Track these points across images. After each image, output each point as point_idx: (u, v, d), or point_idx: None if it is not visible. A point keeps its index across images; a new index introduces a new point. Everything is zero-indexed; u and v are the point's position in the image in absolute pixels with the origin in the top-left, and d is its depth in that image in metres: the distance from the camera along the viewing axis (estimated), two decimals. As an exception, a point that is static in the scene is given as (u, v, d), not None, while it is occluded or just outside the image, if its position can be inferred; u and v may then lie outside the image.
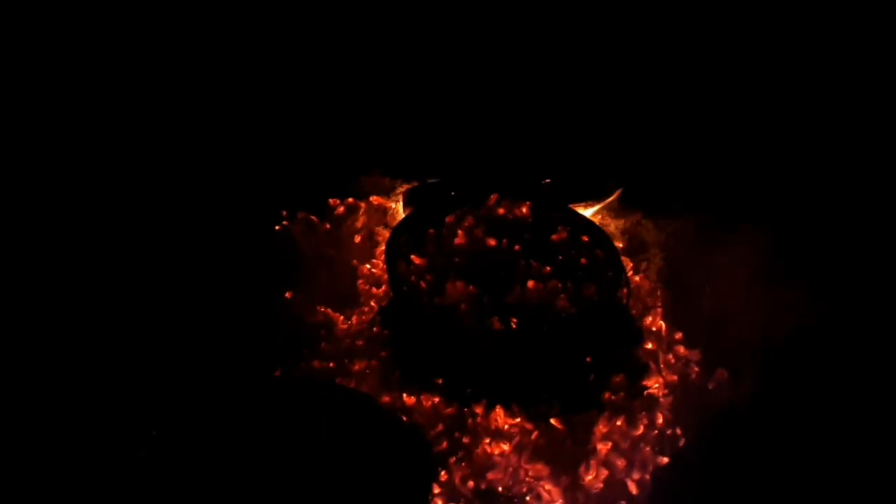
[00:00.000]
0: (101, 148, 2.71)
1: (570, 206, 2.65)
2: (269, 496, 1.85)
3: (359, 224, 2.72)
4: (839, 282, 2.54)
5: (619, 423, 2.21)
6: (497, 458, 2.13)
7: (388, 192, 2.82)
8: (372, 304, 2.49)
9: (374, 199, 2.78)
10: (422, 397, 2.22)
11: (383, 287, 2.51)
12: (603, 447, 2.16)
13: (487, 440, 2.16)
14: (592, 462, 2.14)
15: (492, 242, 2.45)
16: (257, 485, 1.86)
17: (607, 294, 2.35)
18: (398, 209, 2.77)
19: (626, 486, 2.13)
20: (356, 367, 2.31)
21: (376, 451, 1.94)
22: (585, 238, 2.50)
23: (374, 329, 2.40)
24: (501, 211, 2.55)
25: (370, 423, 1.98)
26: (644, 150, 2.93)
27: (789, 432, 2.24)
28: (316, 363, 2.32)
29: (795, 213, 2.71)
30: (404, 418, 2.14)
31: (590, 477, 2.12)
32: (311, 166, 2.84)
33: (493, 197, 2.56)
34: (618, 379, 2.30)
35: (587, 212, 2.74)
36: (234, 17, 2.89)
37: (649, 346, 2.42)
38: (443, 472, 2.10)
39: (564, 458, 2.14)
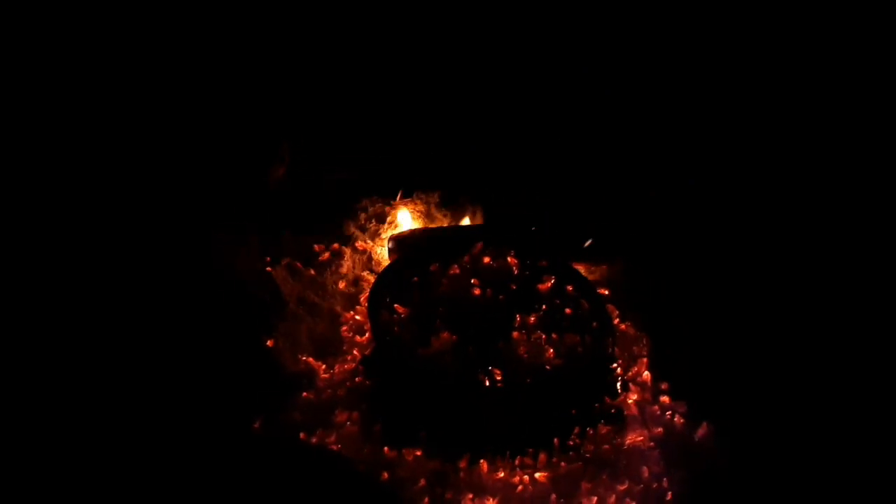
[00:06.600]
0: (84, 192, 2.69)
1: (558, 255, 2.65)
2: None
3: (343, 270, 2.71)
4: (830, 331, 2.54)
5: (604, 476, 2.18)
6: (480, 514, 2.09)
7: (373, 238, 2.82)
8: (355, 352, 2.45)
9: (359, 244, 2.77)
10: (403, 451, 2.19)
11: (367, 335, 2.48)
12: (588, 502, 2.13)
13: (471, 495, 2.12)
14: (577, 517, 2.10)
15: (476, 292, 2.44)
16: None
17: (592, 345, 2.34)
18: (383, 255, 2.76)
19: (611, 542, 2.09)
20: (337, 418, 2.27)
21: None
22: (570, 288, 2.49)
23: (357, 379, 2.36)
24: (486, 260, 2.54)
25: (348, 481, 1.94)
26: (627, 197, 2.95)
27: (775, 485, 2.22)
28: (297, 415, 2.28)
29: (780, 260, 2.73)
30: (385, 473, 2.09)
31: (575, 533, 2.08)
32: (296, 212, 2.83)
33: (478, 245, 2.56)
34: (603, 431, 2.27)
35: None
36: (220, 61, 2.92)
37: (634, 397, 2.39)
38: (424, 529, 2.06)
39: (549, 513, 2.11)
